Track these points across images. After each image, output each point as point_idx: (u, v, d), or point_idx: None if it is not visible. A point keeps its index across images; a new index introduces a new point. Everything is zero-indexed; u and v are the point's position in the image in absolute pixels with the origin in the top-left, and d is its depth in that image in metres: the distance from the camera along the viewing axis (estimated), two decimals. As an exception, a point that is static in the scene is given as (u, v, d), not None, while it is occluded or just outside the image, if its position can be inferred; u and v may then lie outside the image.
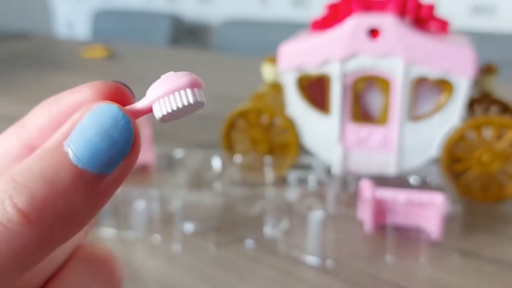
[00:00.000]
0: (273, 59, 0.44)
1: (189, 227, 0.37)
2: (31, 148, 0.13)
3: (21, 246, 0.11)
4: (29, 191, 0.11)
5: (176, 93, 0.12)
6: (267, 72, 0.45)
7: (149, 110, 0.12)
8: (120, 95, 0.13)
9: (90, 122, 0.11)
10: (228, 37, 1.54)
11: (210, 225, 0.37)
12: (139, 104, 0.12)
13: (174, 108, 0.12)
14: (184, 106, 0.12)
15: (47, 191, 0.11)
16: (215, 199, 0.38)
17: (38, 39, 1.35)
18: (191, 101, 0.12)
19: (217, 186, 0.42)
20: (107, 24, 1.83)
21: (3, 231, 0.10)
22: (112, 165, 0.11)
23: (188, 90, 0.12)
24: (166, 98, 0.12)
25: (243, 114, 0.44)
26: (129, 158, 0.12)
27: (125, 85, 0.13)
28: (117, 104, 0.12)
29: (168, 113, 0.12)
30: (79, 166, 0.11)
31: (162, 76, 0.12)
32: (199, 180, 0.43)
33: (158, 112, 0.12)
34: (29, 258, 0.11)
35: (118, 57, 1.06)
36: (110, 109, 0.12)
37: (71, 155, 0.11)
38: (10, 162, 0.13)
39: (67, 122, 0.12)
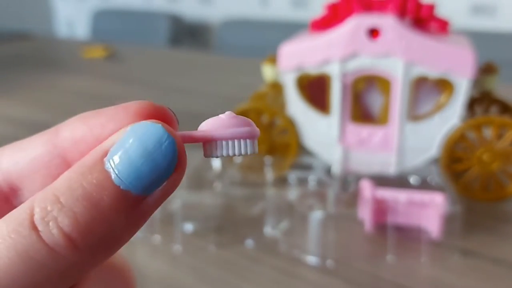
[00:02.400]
0: (273, 59, 0.44)
1: (189, 227, 0.37)
2: (63, 159, 0.13)
3: (65, 269, 0.11)
4: (75, 215, 0.11)
5: (236, 141, 0.12)
6: (267, 72, 0.45)
7: (197, 141, 0.12)
8: (166, 121, 0.12)
9: (133, 142, 0.11)
10: (228, 37, 1.54)
11: (211, 225, 0.37)
12: (192, 133, 0.12)
13: (230, 153, 0.12)
14: (237, 154, 0.12)
15: (92, 215, 0.11)
16: (216, 199, 0.38)
17: (39, 39, 1.35)
18: (248, 151, 0.12)
19: (218, 186, 0.42)
20: (107, 24, 1.83)
21: (50, 253, 0.11)
22: (154, 187, 0.11)
23: (248, 141, 0.12)
24: (224, 142, 0.12)
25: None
26: (172, 179, 0.11)
27: (170, 110, 0.13)
28: (161, 123, 0.11)
29: (220, 155, 0.12)
30: (121, 187, 0.11)
31: (222, 116, 0.12)
32: (200, 180, 0.43)
33: (209, 152, 0.12)
34: (70, 278, 0.11)
35: (118, 57, 1.06)
36: (154, 129, 0.11)
37: (113, 175, 0.11)
38: (39, 168, 0.13)
39: (108, 138, 0.12)
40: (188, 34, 1.79)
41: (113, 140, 0.11)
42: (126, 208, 0.11)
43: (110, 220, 0.11)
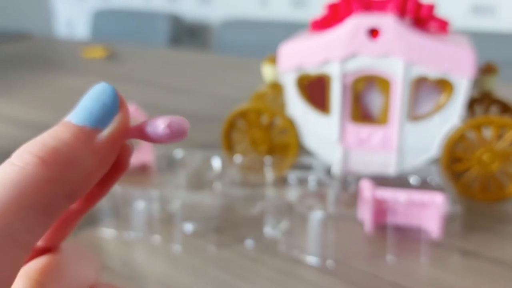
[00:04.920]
0: (273, 59, 0.44)
1: (189, 227, 0.37)
2: None
3: (40, 183, 0.13)
4: (42, 144, 0.13)
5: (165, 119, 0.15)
6: (267, 72, 0.45)
7: (139, 129, 0.15)
8: None
9: (86, 97, 0.14)
10: (228, 37, 1.54)
11: (210, 225, 0.37)
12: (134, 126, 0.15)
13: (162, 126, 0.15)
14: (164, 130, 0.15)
15: (56, 142, 0.13)
16: (215, 200, 0.38)
17: (39, 39, 1.35)
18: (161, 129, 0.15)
19: (217, 186, 0.42)
20: (107, 24, 1.83)
21: (22, 170, 0.12)
22: (104, 121, 0.14)
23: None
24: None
25: (243, 114, 0.44)
26: (119, 116, 0.14)
27: None
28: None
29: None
30: (79, 125, 0.14)
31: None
32: (199, 181, 0.43)
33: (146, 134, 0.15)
34: (46, 197, 0.13)
35: (118, 57, 1.06)
36: (100, 84, 0.15)
37: (72, 121, 0.14)
38: None
39: None
40: (188, 34, 1.79)
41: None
42: (85, 136, 0.14)
43: (72, 144, 0.13)
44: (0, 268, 0.12)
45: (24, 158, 0.13)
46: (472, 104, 0.44)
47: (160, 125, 0.15)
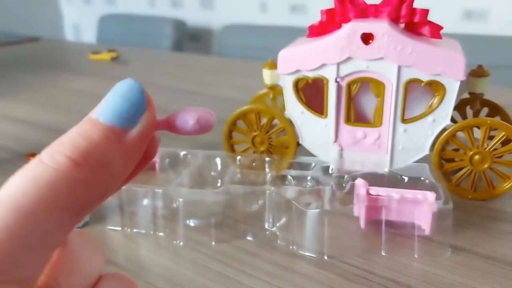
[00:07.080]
0: (272, 63, 0.45)
1: (191, 223, 0.38)
2: None
3: (74, 185, 0.12)
4: (73, 145, 0.13)
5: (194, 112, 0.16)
6: (267, 75, 0.46)
7: (168, 121, 0.16)
8: None
9: (112, 94, 0.14)
10: (229, 41, 1.55)
11: (212, 221, 0.38)
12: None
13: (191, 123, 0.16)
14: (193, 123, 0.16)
15: (86, 143, 0.13)
16: (217, 197, 0.38)
17: (47, 42, 1.36)
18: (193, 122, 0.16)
19: (219, 184, 0.43)
20: (112, 28, 1.85)
21: (56, 172, 0.12)
22: (133, 121, 0.14)
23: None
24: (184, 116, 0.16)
25: (243, 115, 0.45)
26: (147, 115, 0.14)
27: None
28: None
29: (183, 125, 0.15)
30: (108, 124, 0.13)
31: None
32: (202, 179, 0.44)
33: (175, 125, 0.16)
34: (80, 199, 0.13)
35: (123, 60, 1.07)
36: (126, 81, 0.14)
37: (101, 120, 0.14)
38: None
39: None
40: (191, 38, 1.81)
41: (99, 104, 0.14)
42: (114, 137, 0.13)
43: (103, 146, 0.13)
44: (32, 267, 0.12)
45: (56, 159, 0.12)
46: (463, 106, 0.46)
47: (189, 120, 0.15)
